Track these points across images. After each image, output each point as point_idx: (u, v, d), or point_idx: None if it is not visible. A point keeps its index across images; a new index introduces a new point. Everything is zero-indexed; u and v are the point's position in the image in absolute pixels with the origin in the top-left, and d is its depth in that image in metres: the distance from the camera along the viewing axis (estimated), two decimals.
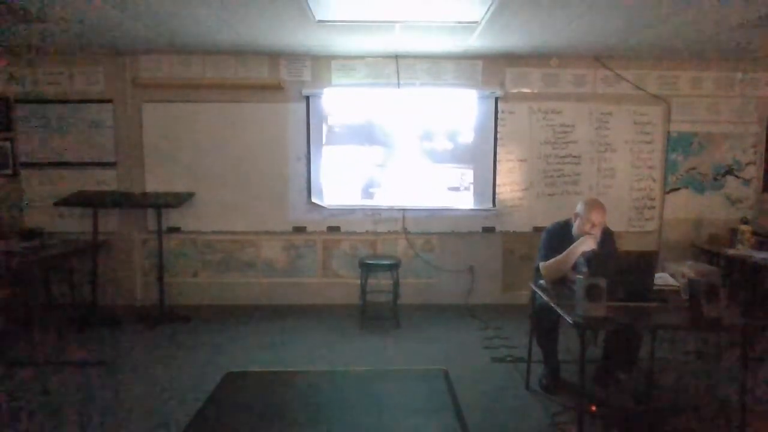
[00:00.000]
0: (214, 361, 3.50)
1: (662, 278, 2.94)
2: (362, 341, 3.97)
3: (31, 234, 4.37)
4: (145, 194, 4.69)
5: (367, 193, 4.84)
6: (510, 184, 4.80)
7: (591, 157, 4.78)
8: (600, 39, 4.05)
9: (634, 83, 4.72)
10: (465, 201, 4.82)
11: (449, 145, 4.82)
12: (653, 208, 4.86)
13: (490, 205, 4.79)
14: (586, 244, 2.81)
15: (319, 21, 3.63)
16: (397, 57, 4.66)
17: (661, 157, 4.82)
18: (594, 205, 2.95)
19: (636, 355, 3.01)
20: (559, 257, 2.86)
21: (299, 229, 4.82)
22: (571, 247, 2.84)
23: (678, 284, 2.85)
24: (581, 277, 2.39)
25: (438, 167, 4.82)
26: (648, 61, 4.67)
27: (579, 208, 2.98)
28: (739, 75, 4.75)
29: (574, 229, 2.98)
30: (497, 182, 4.78)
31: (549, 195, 4.80)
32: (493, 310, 4.70)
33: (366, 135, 4.78)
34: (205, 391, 3.02)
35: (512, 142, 4.76)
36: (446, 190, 4.85)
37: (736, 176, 4.84)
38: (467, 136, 4.79)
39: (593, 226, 2.89)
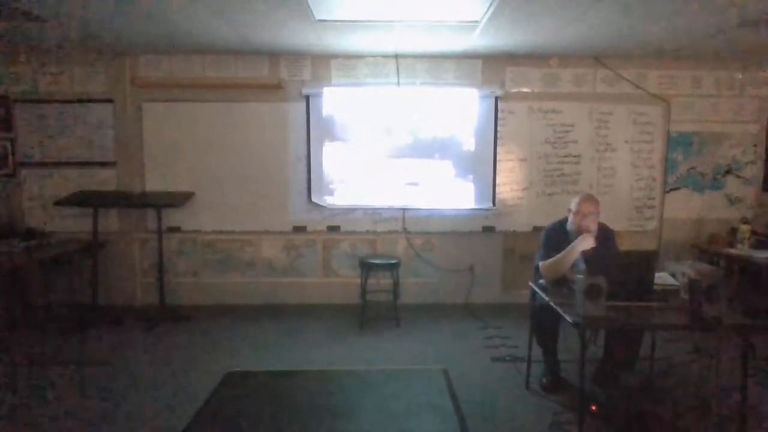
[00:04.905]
0: (214, 361, 3.50)
1: (662, 278, 2.94)
2: (362, 341, 3.97)
3: (31, 234, 4.38)
4: (145, 194, 4.69)
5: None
6: (510, 184, 4.80)
7: (591, 156, 4.78)
8: (600, 39, 4.05)
9: (634, 83, 4.72)
10: (465, 200, 4.82)
11: (439, 140, 4.82)
12: (653, 207, 4.86)
13: (490, 205, 4.79)
14: (585, 243, 2.81)
15: (319, 21, 3.63)
16: (397, 56, 4.65)
17: (661, 157, 4.82)
18: (583, 197, 2.99)
19: (636, 355, 3.01)
20: (557, 256, 2.86)
21: (299, 229, 4.82)
22: (570, 246, 2.84)
23: (678, 284, 2.85)
24: (581, 276, 2.39)
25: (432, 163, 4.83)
26: (648, 61, 4.67)
27: (572, 204, 3.02)
28: (739, 75, 4.75)
29: (569, 225, 3.00)
30: (497, 182, 4.77)
31: (549, 194, 4.80)
32: (493, 310, 4.70)
33: (364, 133, 4.78)
34: (205, 391, 3.03)
35: (512, 141, 4.76)
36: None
37: (736, 176, 4.84)
38: (467, 136, 4.79)
39: (584, 216, 2.91)
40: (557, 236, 3.01)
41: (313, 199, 4.76)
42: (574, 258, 2.80)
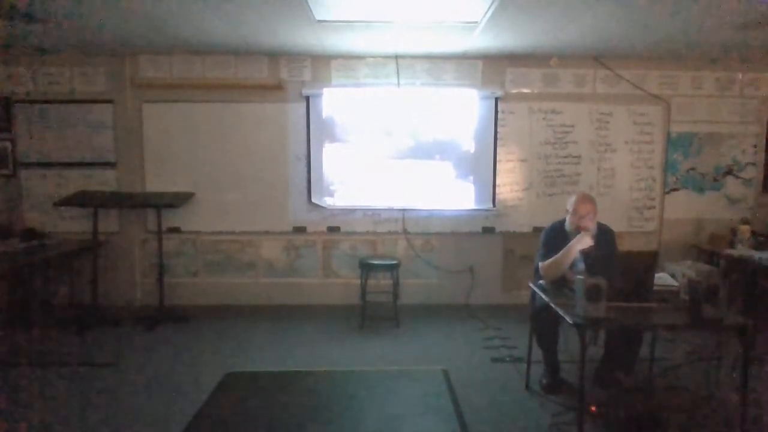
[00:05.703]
0: (214, 361, 3.50)
1: (662, 278, 2.94)
2: (362, 341, 3.97)
3: (31, 234, 4.38)
4: (145, 194, 4.69)
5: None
6: (510, 184, 4.80)
7: (591, 157, 4.78)
8: (600, 39, 4.05)
9: (634, 83, 4.72)
10: (465, 201, 4.82)
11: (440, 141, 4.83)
12: (653, 208, 4.86)
13: (490, 205, 4.79)
14: (583, 242, 2.81)
15: (319, 21, 3.63)
16: (397, 57, 4.66)
17: (661, 157, 4.82)
18: (579, 197, 2.98)
19: (636, 355, 3.01)
20: (556, 256, 2.86)
21: (299, 230, 4.82)
22: (568, 245, 2.83)
23: (678, 284, 2.85)
24: (581, 277, 2.39)
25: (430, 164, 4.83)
26: (648, 61, 4.67)
27: (569, 204, 3.01)
28: (739, 75, 4.75)
29: (567, 225, 2.99)
30: (497, 182, 4.77)
31: (549, 195, 4.80)
32: (493, 310, 4.70)
33: (364, 134, 4.79)
34: (205, 391, 3.03)
35: (512, 142, 4.76)
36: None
37: (736, 176, 4.84)
38: (467, 137, 4.79)
39: (581, 217, 2.90)
40: (557, 236, 3.00)
41: (313, 200, 4.76)
42: (573, 257, 2.80)
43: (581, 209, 2.91)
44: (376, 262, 4.41)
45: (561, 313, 2.49)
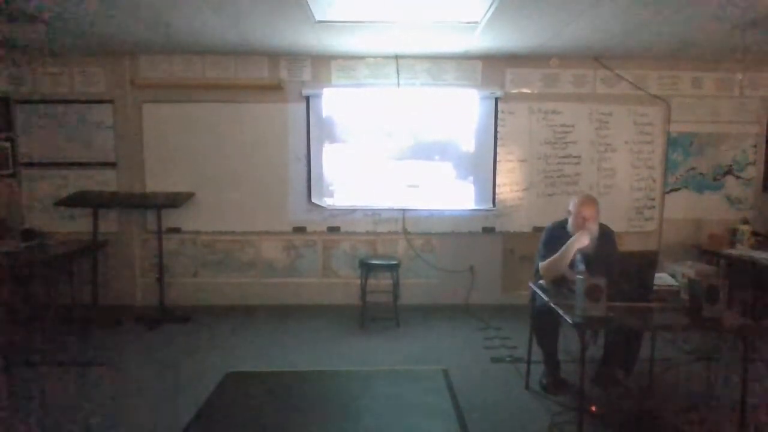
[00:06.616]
0: (214, 361, 3.50)
1: (662, 278, 2.94)
2: (362, 341, 3.97)
3: (31, 234, 4.37)
4: (145, 194, 4.69)
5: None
6: (510, 185, 4.80)
7: (591, 157, 4.78)
8: (600, 39, 4.05)
9: (634, 83, 4.72)
10: (465, 201, 4.82)
11: (444, 143, 4.83)
12: (653, 208, 4.86)
13: (490, 205, 4.79)
14: (580, 241, 2.80)
15: (319, 21, 3.63)
16: (397, 57, 4.66)
17: (661, 157, 4.82)
18: (584, 199, 2.97)
19: (636, 355, 3.01)
20: (555, 256, 2.87)
21: (299, 230, 4.82)
22: (567, 244, 2.83)
23: (678, 284, 2.85)
24: (582, 277, 2.39)
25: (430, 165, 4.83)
26: (648, 61, 4.67)
27: (570, 205, 3.00)
28: (739, 76, 4.75)
29: (568, 226, 2.99)
30: (497, 182, 4.77)
31: (549, 195, 4.80)
32: (493, 310, 4.70)
33: (364, 134, 4.79)
34: (205, 391, 3.03)
35: (512, 142, 4.76)
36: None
37: (736, 176, 4.84)
38: (467, 137, 4.79)
39: (585, 220, 2.90)
40: (557, 236, 3.00)
41: (313, 200, 4.76)
42: (571, 257, 2.80)
43: (584, 211, 2.91)
44: (376, 262, 4.41)
45: (561, 313, 2.49)
